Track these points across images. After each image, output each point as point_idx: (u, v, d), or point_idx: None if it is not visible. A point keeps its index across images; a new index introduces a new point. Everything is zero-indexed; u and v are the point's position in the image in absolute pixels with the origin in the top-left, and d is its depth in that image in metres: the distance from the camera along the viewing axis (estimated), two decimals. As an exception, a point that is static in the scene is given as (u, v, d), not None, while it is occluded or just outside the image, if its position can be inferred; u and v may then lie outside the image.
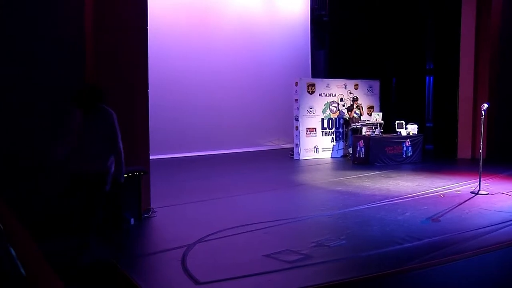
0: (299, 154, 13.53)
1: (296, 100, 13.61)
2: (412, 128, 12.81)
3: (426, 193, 8.52)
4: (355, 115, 13.69)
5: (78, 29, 6.38)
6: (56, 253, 4.98)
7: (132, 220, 6.39)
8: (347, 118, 13.98)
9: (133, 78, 6.78)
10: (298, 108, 13.56)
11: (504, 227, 6.29)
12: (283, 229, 6.30)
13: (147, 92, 6.99)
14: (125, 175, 6.28)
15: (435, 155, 14.48)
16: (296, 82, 13.61)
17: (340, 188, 9.06)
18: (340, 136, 14.22)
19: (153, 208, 7.07)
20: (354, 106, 14.04)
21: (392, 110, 16.25)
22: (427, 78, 16.37)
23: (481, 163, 8.55)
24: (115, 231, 6.14)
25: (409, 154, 12.61)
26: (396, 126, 12.85)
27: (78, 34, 6.35)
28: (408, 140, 12.60)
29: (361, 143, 12.33)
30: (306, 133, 13.65)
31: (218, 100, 14.71)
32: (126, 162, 6.53)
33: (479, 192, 8.34)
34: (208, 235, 5.93)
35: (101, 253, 5.22)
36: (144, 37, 6.89)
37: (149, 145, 7.05)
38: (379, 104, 15.07)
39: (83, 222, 4.95)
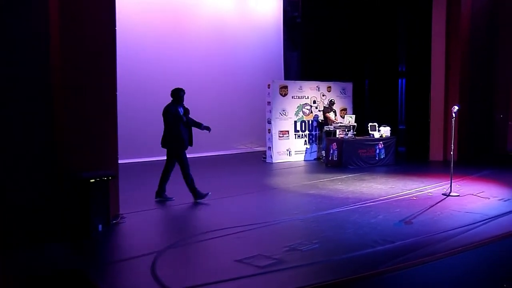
0: (271, 157, 13.56)
1: (269, 103, 13.65)
2: (385, 131, 12.98)
3: (399, 196, 8.64)
4: (331, 118, 13.66)
5: (42, 23, 6.19)
6: (20, 264, 4.88)
7: (100, 226, 6.31)
8: (321, 121, 14.06)
9: (100, 78, 6.68)
10: (270, 111, 13.60)
11: (474, 227, 6.43)
12: (255, 234, 6.29)
13: (115, 93, 6.91)
14: (93, 180, 6.23)
15: (408, 157, 14.69)
16: (269, 85, 13.65)
17: (313, 192, 9.10)
18: (313, 138, 14.30)
19: (122, 214, 6.98)
20: (333, 109, 13.99)
21: (365, 112, 16.42)
22: (399, 80, 16.60)
23: (452, 165, 8.71)
24: (83, 238, 6.05)
25: (382, 157, 12.77)
26: (369, 128, 12.99)
27: (43, 30, 6.16)
28: (381, 142, 12.76)
29: (334, 145, 12.44)
30: (279, 136, 13.70)
31: (189, 103, 14.58)
32: (93, 167, 6.50)
33: (451, 194, 8.50)
34: (179, 241, 5.89)
35: (67, 261, 5.14)
36: (112, 35, 6.79)
37: (117, 148, 6.97)
38: (352, 106, 15.22)
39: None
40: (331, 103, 13.81)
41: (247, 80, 16.02)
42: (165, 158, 8.38)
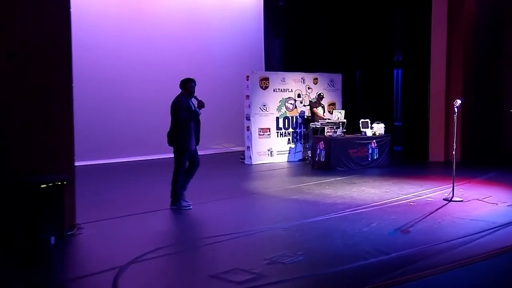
0: (251, 158, 13.52)
1: (248, 97, 13.61)
2: (379, 128, 13.02)
3: (394, 201, 8.65)
4: (319, 114, 13.62)
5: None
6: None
7: (53, 239, 6.19)
8: (307, 117, 14.06)
9: (53, 72, 6.59)
10: (249, 106, 13.56)
11: (480, 237, 6.45)
12: (232, 245, 6.25)
13: (71, 89, 6.81)
14: (44, 185, 6.11)
15: (405, 158, 14.79)
16: (247, 76, 13.61)
17: (297, 197, 9.09)
18: (298, 137, 14.31)
19: (79, 224, 6.88)
20: (322, 104, 13.98)
21: (356, 107, 16.49)
22: (395, 71, 16.72)
23: (454, 167, 8.75)
24: (32, 253, 5.93)
25: (375, 157, 12.82)
26: (360, 125, 13.01)
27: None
28: (374, 141, 12.80)
29: (321, 145, 12.44)
30: (259, 134, 13.67)
31: (155, 98, 14.38)
32: (47, 170, 6.38)
33: (453, 199, 8.53)
34: (144, 254, 5.81)
35: (15, 280, 5.03)
36: (66, 23, 6.70)
37: (74, 150, 6.86)
38: (341, 100, 15.26)
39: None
40: (320, 97, 13.78)
41: (223, 71, 15.96)
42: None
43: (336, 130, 12.80)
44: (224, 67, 16.04)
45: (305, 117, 14.20)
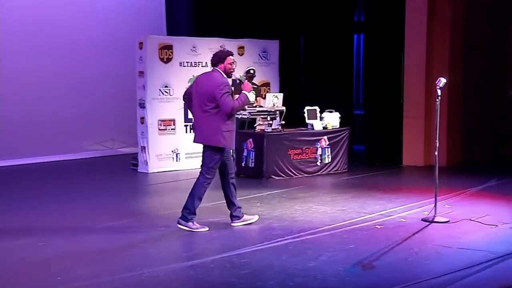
0: (147, 165, 13.50)
1: (141, 73, 13.55)
2: (332, 119, 13.17)
3: (353, 223, 8.74)
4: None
5: None
6: None
7: None
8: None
9: None
10: (144, 87, 13.50)
11: (474, 273, 6.55)
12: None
13: None
14: None
15: (369, 161, 15.05)
16: (141, 43, 13.55)
17: (215, 219, 9.06)
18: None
19: None
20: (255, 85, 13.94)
21: (300, 89, 16.61)
22: (355, 37, 16.94)
23: (437, 173, 8.92)
24: None
25: (326, 161, 12.95)
26: (306, 115, 13.09)
27: None
28: (325, 137, 12.94)
29: (250, 143, 12.48)
30: (159, 129, 13.65)
31: (10, 78, 14.23)
32: None
33: (435, 220, 8.69)
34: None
35: None
36: None
37: None
38: (278, 79, 15.34)
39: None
40: (250, 74, 13.74)
41: (104, 36, 15.95)
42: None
43: (270, 122, 12.82)
44: (106, 30, 16.00)
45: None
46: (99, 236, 8.40)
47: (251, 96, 8.85)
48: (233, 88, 8.68)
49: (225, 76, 8.44)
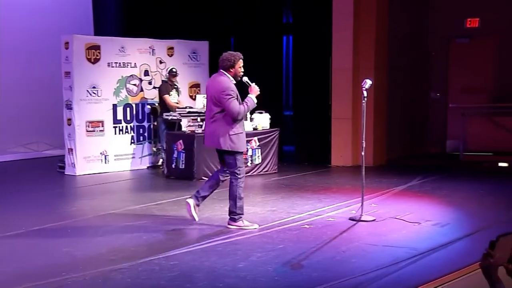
0: (74, 167, 13.37)
1: (67, 74, 13.41)
2: (261, 120, 13.30)
3: (282, 223, 8.85)
4: (170, 102, 13.60)
5: None
6: None
7: None
8: (155, 106, 13.99)
9: None
10: (71, 88, 13.36)
11: (398, 270, 6.72)
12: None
13: None
14: None
15: (298, 162, 15.17)
16: (67, 43, 13.41)
17: (143, 222, 9.04)
18: (146, 134, 14.27)
19: None
20: (175, 86, 13.94)
21: (230, 90, 16.63)
22: (284, 38, 17.04)
23: (363, 173, 9.12)
24: None
25: (257, 161, 13.08)
26: (236, 116, 13.17)
27: None
28: (255, 138, 13.05)
29: (180, 145, 12.50)
30: (87, 131, 13.52)
31: None
32: None
33: (362, 219, 8.87)
34: None
35: None
36: None
37: None
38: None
39: None
40: (172, 73, 13.75)
41: (28, 36, 15.77)
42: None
43: (201, 123, 12.85)
44: (30, 29, 15.80)
45: (154, 106, 14.17)
46: (25, 240, 8.27)
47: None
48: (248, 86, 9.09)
49: (232, 79, 8.69)
